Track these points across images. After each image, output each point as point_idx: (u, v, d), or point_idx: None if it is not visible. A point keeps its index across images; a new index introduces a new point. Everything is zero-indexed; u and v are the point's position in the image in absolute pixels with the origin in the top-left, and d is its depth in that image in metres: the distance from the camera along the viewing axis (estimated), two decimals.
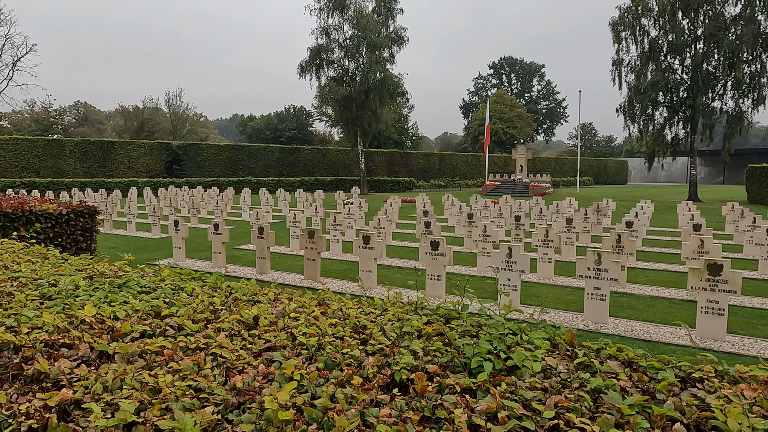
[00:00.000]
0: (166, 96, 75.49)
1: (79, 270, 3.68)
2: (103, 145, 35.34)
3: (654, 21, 29.01)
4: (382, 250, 8.45)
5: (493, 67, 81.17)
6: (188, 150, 38.65)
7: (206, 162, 39.06)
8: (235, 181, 35.90)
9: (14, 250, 4.45)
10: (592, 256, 6.50)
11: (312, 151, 45.29)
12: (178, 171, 37.91)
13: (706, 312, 5.79)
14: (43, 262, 3.96)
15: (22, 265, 3.75)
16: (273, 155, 42.26)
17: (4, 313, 2.49)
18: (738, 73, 26.48)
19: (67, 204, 6.05)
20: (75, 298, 2.86)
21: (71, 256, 4.28)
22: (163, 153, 37.71)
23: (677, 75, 29.26)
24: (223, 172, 39.52)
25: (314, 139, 74.32)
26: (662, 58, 29.26)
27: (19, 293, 2.87)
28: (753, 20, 26.22)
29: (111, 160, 35.25)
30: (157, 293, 2.97)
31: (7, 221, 5.38)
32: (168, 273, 3.42)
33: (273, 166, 42.00)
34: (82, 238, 6.14)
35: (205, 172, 38.68)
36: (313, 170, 43.79)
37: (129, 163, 35.98)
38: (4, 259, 3.91)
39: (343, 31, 32.73)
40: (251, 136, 73.60)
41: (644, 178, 77.74)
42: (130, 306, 2.64)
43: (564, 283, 8.49)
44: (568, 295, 7.69)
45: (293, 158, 43.24)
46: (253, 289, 3.09)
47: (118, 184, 30.97)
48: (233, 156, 40.45)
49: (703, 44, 27.95)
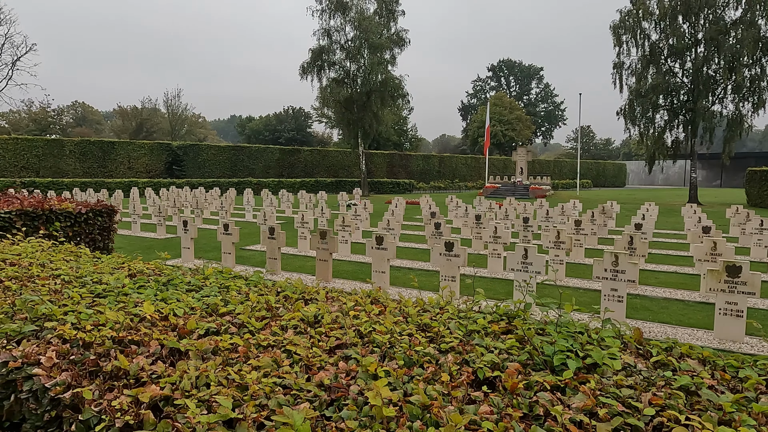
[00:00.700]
0: (164, 96, 75.28)
1: (117, 268, 3.65)
2: (103, 146, 35.20)
3: (655, 24, 29.16)
4: (393, 251, 8.43)
5: (492, 69, 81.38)
6: (188, 151, 38.55)
7: (206, 163, 38.96)
8: (236, 182, 35.82)
9: (43, 248, 4.42)
10: (609, 258, 6.49)
11: (312, 152, 45.25)
12: (178, 172, 37.79)
13: (725, 314, 5.77)
14: (77, 260, 3.93)
15: (58, 263, 3.71)
16: (273, 156, 42.20)
17: (59, 310, 2.46)
18: (738, 76, 26.63)
19: (86, 203, 5.99)
20: (124, 295, 2.84)
21: (102, 255, 4.25)
22: (163, 153, 37.58)
23: (678, 78, 29.40)
24: (223, 173, 39.43)
25: (313, 141, 74.30)
26: (663, 62, 29.40)
27: (69, 290, 2.84)
28: (753, 24, 26.39)
29: (111, 160, 35.11)
30: (205, 291, 2.95)
31: (28, 220, 5.33)
32: (211, 271, 3.40)
33: (273, 167, 41.94)
34: (100, 237, 6.08)
35: (205, 172, 38.58)
36: (313, 171, 43.75)
37: (129, 164, 35.84)
38: (39, 257, 3.88)
39: (344, 32, 32.75)
40: (250, 138, 73.50)
41: (642, 180, 78.10)
42: (184, 303, 2.62)
43: (575, 284, 8.49)
44: (581, 297, 7.69)
45: (293, 159, 43.19)
46: (301, 287, 3.07)
47: (119, 184, 30.83)
48: (233, 157, 40.36)
49: (703, 48, 28.11)
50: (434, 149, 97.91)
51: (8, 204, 5.31)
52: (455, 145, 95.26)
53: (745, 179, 29.60)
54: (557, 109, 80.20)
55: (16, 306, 2.52)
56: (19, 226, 5.15)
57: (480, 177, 52.31)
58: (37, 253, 4.12)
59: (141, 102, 69.56)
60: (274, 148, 43.24)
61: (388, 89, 32.97)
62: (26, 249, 4.21)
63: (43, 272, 3.39)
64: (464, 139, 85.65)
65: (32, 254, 4.03)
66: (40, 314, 2.40)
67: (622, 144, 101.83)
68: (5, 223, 5.08)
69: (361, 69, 33.09)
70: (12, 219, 5.12)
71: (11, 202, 5.48)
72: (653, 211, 16.90)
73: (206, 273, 3.34)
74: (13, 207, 5.18)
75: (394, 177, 46.09)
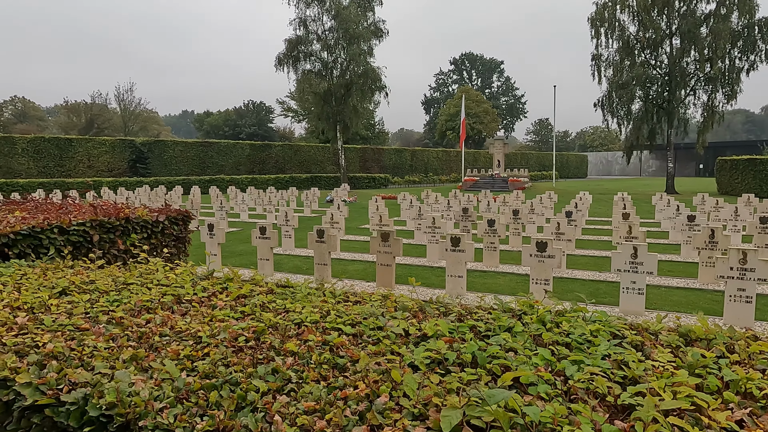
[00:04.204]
0: (116, 91, 70.91)
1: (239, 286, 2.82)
2: (60, 143, 32.56)
3: (632, 17, 29.63)
4: (471, 254, 7.75)
5: (455, 62, 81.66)
6: (153, 147, 36.32)
7: (173, 160, 36.85)
8: (207, 179, 34.00)
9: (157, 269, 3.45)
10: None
11: (283, 147, 43.74)
12: (143, 170, 35.56)
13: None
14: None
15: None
16: (243, 152, 40.46)
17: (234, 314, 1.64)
18: (714, 68, 27.43)
19: (161, 209, 4.91)
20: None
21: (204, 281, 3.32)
22: (126, 151, 35.24)
23: (654, 70, 30.04)
24: (191, 170, 37.41)
25: (275, 136, 72.30)
26: (639, 54, 29.95)
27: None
28: (727, 17, 27.23)
29: (69, 158, 32.54)
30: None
31: (103, 232, 4.25)
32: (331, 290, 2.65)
33: (243, 163, 40.23)
34: (176, 250, 5.03)
35: (172, 170, 36.47)
36: (284, 167, 42.29)
37: (89, 162, 33.34)
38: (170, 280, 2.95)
39: (321, 22, 31.57)
40: (209, 133, 70.63)
41: (599, 171, 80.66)
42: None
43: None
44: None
45: (264, 155, 41.59)
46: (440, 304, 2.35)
47: (80, 184, 28.54)
48: (201, 153, 38.39)
49: (678, 40, 28.79)
50: (395, 143, 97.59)
51: (80, 213, 4.19)
52: (417, 139, 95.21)
53: (715, 168, 30.65)
54: (518, 102, 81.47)
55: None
56: (97, 241, 4.08)
57: (452, 170, 52.30)
58: (168, 289, 3.14)
59: (91, 96, 65.27)
60: (244, 144, 41.48)
61: (368, 81, 32.09)
62: (151, 277, 3.24)
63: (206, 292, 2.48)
64: (427, 132, 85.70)
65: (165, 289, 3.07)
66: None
67: (577, 136, 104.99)
68: (80, 238, 4.01)
69: (338, 61, 32.03)
70: (88, 233, 4.04)
71: (79, 210, 4.38)
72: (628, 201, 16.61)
73: (325, 292, 2.59)
74: (85, 216, 4.09)
75: (367, 171, 45.28)
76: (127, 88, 77.39)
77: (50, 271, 3.20)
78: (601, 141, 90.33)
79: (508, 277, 8.40)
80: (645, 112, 30.15)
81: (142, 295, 2.63)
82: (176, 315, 2.36)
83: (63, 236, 3.91)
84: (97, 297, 2.67)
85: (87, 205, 4.83)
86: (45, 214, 4.34)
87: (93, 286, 2.82)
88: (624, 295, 6.31)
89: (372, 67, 32.17)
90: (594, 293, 7.23)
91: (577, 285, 7.73)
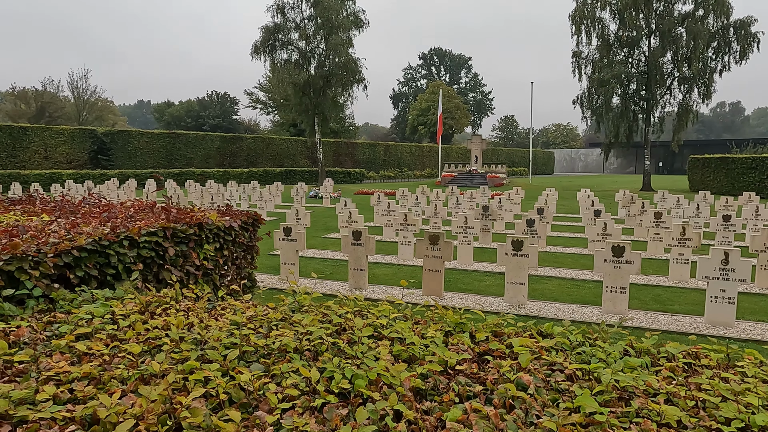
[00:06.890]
0: (69, 78, 66.57)
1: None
2: (13, 132, 29.98)
3: (612, 15, 29.82)
4: (535, 259, 7.13)
5: (423, 57, 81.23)
6: (116, 138, 34.06)
7: (138, 152, 34.68)
8: (176, 173, 32.16)
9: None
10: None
11: (255, 140, 42.06)
12: (105, 162, 33.31)
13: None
14: None
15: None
16: (213, 144, 38.62)
17: None
18: (693, 67, 27.93)
19: (229, 211, 3.91)
20: None
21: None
22: (87, 141, 32.88)
23: (633, 69, 30.38)
24: (158, 162, 35.35)
25: (240, 128, 69.87)
26: (618, 52, 30.21)
27: None
28: (703, 18, 27.76)
29: (23, 149, 30.03)
30: None
31: (175, 243, 3.29)
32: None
33: (213, 156, 38.42)
34: (245, 262, 4.06)
35: (137, 162, 34.33)
36: (256, 161, 40.68)
37: (45, 153, 30.89)
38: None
39: (300, 10, 30.27)
40: (170, 124, 67.38)
41: (563, 168, 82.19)
42: None
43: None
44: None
45: (235, 148, 39.85)
46: None
47: (38, 177, 26.33)
48: (169, 145, 36.33)
49: (657, 40, 29.18)
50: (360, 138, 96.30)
51: (153, 216, 3.18)
52: (385, 134, 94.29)
53: (687, 166, 31.37)
54: (485, 98, 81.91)
55: None
56: (171, 255, 3.13)
57: (425, 166, 51.92)
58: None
59: (42, 83, 61.09)
60: (213, 136, 39.60)
61: (348, 73, 31.07)
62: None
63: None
64: (395, 127, 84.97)
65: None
66: None
67: (539, 133, 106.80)
68: (151, 252, 3.05)
69: (316, 51, 30.84)
70: (161, 245, 3.09)
71: (147, 212, 3.37)
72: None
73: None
74: (153, 223, 3.12)
75: (340, 166, 44.22)
76: (81, 75, 73.09)
77: (154, 305, 2.30)
78: (563, 138, 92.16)
79: (557, 281, 7.83)
80: (624, 110, 30.48)
81: None
82: None
83: (133, 250, 2.97)
84: None
85: (149, 205, 3.79)
86: (92, 220, 3.36)
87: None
88: (711, 304, 5.91)
89: (352, 59, 31.17)
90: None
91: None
